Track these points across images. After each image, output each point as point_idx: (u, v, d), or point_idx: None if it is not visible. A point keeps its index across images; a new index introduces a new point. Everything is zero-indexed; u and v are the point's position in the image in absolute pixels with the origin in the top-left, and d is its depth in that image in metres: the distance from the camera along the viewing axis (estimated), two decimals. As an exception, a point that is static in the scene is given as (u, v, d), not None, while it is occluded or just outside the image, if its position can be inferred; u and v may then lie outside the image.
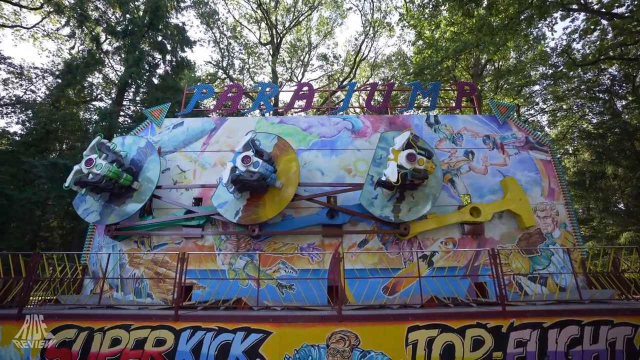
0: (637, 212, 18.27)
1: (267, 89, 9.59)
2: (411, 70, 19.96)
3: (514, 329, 4.52)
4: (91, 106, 20.40)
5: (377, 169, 7.17)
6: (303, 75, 27.40)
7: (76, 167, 6.66)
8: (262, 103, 9.29)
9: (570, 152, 23.01)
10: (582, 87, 19.80)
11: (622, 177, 18.61)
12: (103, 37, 19.47)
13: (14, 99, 17.40)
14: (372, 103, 9.54)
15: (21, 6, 18.26)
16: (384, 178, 6.65)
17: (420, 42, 19.79)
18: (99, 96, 21.28)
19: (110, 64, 20.93)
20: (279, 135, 7.56)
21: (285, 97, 24.91)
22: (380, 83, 20.34)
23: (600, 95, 19.90)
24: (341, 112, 10.55)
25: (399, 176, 6.28)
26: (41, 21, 19.71)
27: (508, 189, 7.54)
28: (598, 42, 16.64)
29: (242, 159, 6.39)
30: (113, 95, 20.05)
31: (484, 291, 6.85)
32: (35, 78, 18.68)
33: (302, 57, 27.27)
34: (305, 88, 9.47)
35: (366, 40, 26.21)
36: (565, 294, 6.13)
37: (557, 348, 4.45)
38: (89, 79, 20.17)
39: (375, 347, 4.45)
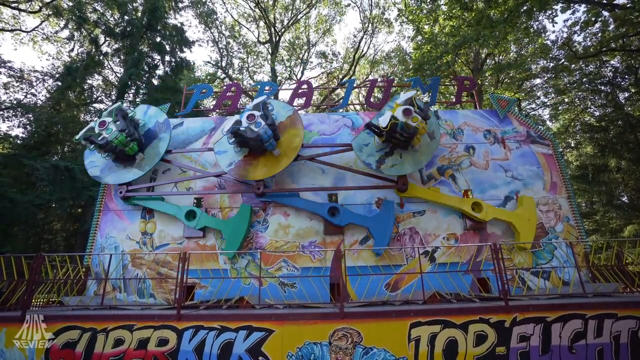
0: (640, 205, 18.18)
1: (267, 88, 9.56)
2: (410, 66, 19.84)
3: (517, 324, 4.50)
4: (91, 108, 20.44)
5: (377, 119, 7.27)
6: (302, 73, 27.32)
7: (91, 124, 7.20)
8: (261, 102, 9.26)
9: (573, 145, 22.85)
10: (584, 79, 19.61)
11: (626, 170, 18.49)
12: (102, 39, 19.49)
13: (15, 102, 17.45)
14: (371, 100, 9.50)
15: (20, 10, 18.28)
16: (375, 121, 6.85)
17: (419, 37, 19.66)
18: (99, 98, 21.33)
19: (109, 66, 20.96)
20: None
21: (284, 95, 24.87)
22: (379, 80, 20.25)
23: (602, 87, 19.71)
24: (341, 110, 10.51)
25: (389, 124, 6.45)
26: (40, 24, 19.75)
27: (522, 205, 7.30)
28: (599, 34, 16.45)
29: (248, 115, 6.56)
30: (113, 97, 20.08)
31: (486, 286, 6.83)
32: (36, 81, 18.73)
33: (301, 55, 27.18)
34: (305, 86, 9.43)
35: (365, 37, 26.09)
36: (568, 288, 6.10)
37: (561, 342, 4.43)
38: (89, 81, 20.21)
39: (377, 343, 4.45)
